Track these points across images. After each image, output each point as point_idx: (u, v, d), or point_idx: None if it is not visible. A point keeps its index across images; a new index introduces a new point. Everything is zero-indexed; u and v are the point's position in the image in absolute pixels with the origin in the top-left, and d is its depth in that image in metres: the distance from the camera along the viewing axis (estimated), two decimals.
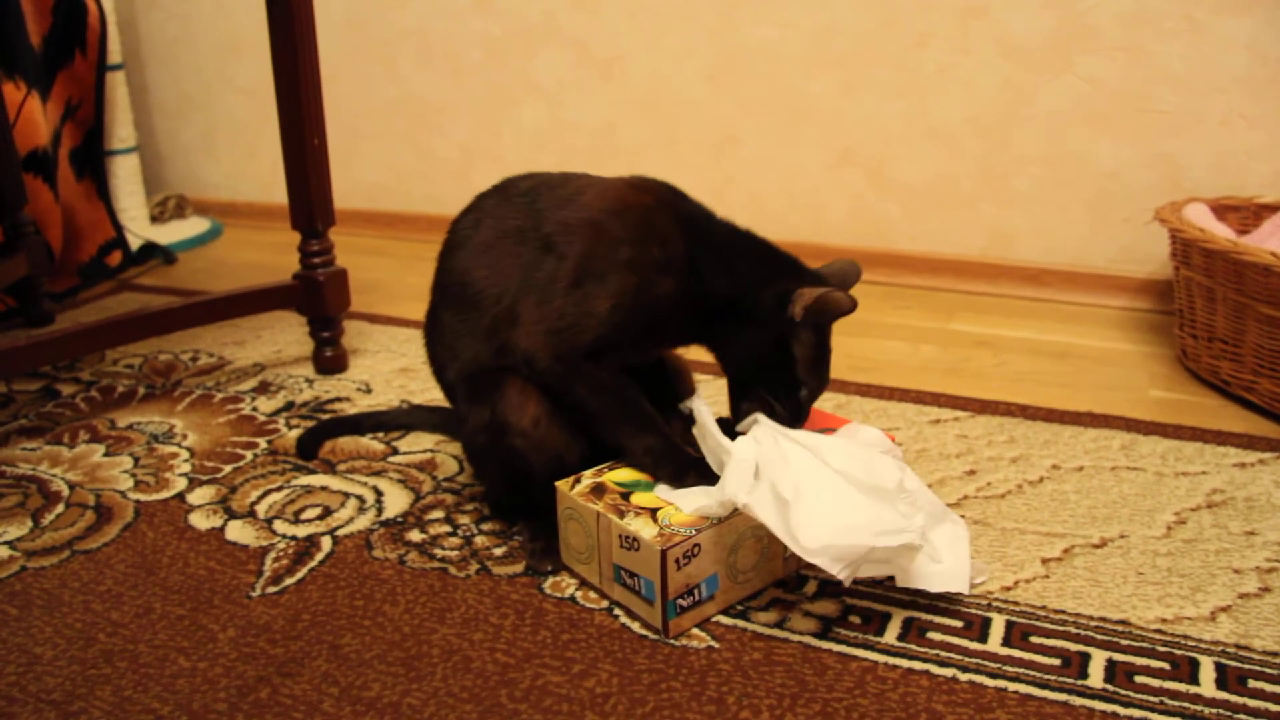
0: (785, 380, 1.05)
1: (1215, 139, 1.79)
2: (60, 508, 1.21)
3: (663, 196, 1.09)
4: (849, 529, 0.90)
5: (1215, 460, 1.28)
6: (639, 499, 1.00)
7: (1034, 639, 0.94)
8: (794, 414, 1.06)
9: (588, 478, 1.04)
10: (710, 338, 1.09)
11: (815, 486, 0.93)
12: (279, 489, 1.25)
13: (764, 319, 1.03)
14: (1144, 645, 0.93)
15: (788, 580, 1.04)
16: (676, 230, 1.05)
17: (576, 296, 1.01)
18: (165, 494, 1.24)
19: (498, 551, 1.10)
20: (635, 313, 1.02)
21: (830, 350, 1.08)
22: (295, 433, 1.39)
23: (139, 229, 2.41)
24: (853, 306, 1.01)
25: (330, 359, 1.63)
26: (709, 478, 1.00)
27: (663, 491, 1.01)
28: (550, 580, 1.05)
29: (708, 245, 1.05)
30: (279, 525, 1.16)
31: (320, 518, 1.18)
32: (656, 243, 1.03)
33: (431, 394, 1.53)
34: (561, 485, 1.04)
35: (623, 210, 1.05)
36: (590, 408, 1.04)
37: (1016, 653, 0.92)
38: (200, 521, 1.18)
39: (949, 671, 0.90)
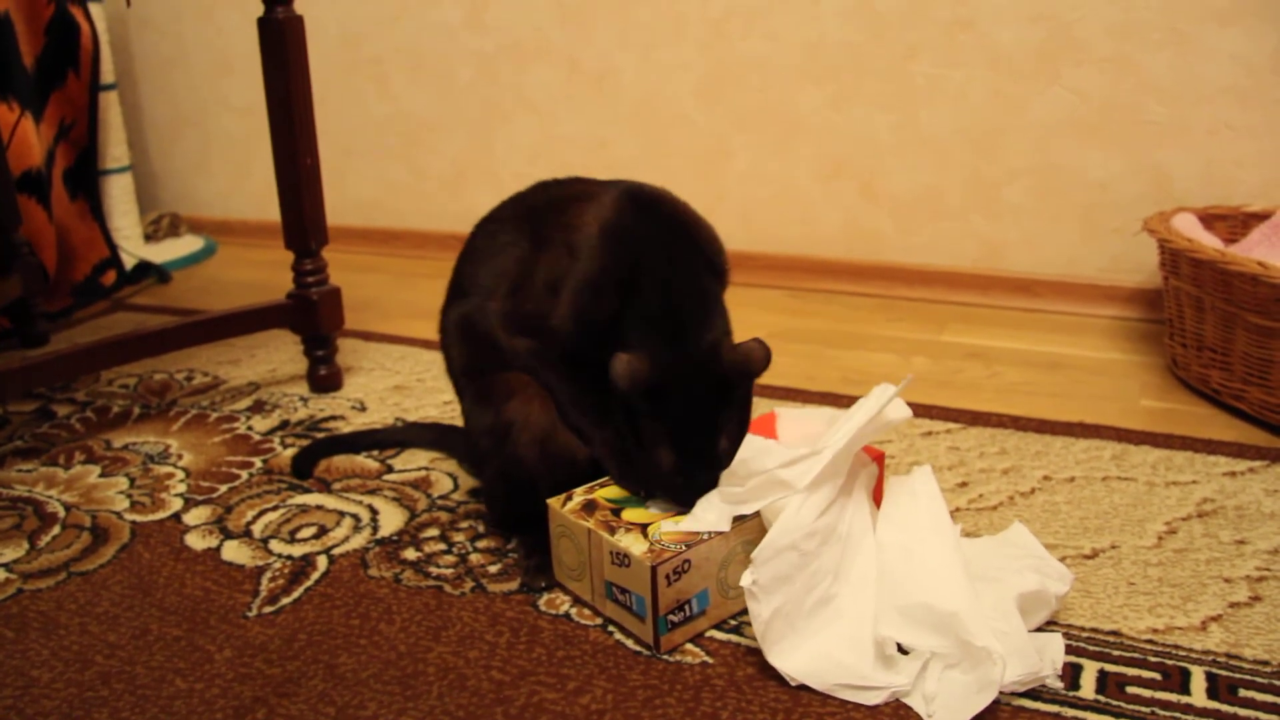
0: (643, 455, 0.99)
1: (1203, 149, 1.81)
2: (56, 529, 1.22)
3: (644, 233, 1.05)
4: (822, 664, 0.89)
5: (1206, 469, 1.29)
6: (630, 515, 1.00)
7: None
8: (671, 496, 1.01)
9: (579, 495, 1.05)
10: None
11: (848, 599, 0.94)
12: (274, 508, 1.25)
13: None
14: (1135, 655, 0.93)
15: None
16: (629, 276, 1.01)
17: (545, 300, 1.04)
18: (161, 514, 1.25)
19: (493, 569, 1.10)
20: (581, 328, 1.02)
21: (670, 431, 0.97)
22: (290, 452, 1.40)
23: (133, 248, 2.42)
24: (631, 382, 0.94)
25: (325, 377, 1.63)
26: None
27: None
28: (545, 597, 1.05)
29: (647, 293, 1.00)
30: (275, 545, 1.17)
31: (316, 537, 1.18)
32: (611, 271, 1.02)
33: (426, 411, 1.53)
34: (553, 503, 1.04)
35: (599, 233, 1.04)
36: (554, 393, 1.06)
37: None
38: (196, 542, 1.18)
39: None
